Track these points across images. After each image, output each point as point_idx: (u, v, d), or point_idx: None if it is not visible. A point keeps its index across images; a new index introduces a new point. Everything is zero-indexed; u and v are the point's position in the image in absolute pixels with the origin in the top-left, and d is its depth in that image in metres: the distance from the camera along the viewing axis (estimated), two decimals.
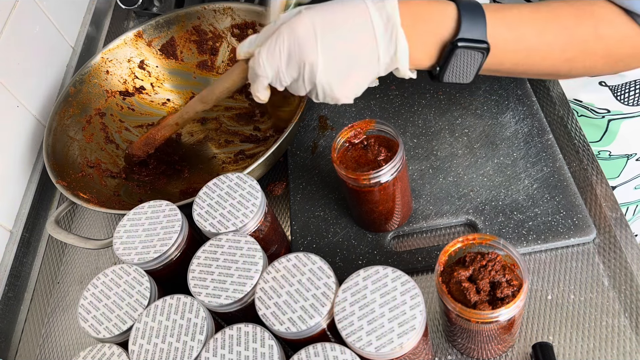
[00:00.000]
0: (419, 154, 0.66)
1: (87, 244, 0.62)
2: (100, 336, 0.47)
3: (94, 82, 0.78)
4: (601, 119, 0.72)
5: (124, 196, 0.71)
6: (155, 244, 0.51)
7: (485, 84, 0.70)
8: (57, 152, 0.70)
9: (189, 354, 0.43)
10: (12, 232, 0.73)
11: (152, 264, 0.51)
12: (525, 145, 0.63)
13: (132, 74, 0.81)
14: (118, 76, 0.80)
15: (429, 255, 0.57)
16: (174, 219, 0.53)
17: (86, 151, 0.74)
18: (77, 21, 0.98)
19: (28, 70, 0.80)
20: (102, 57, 0.78)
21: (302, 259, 0.46)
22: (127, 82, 0.81)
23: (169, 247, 0.51)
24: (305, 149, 0.71)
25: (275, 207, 0.69)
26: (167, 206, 0.54)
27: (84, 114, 0.76)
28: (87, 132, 0.76)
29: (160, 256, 0.51)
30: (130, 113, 0.81)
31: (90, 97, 0.77)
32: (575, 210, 0.57)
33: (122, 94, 0.80)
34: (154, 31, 0.81)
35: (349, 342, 0.40)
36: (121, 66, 0.80)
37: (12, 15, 0.78)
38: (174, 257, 0.52)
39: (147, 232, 0.52)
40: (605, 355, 0.49)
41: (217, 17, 0.79)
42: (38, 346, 0.65)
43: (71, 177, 0.69)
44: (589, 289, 0.53)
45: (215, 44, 0.81)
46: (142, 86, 0.82)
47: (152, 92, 0.83)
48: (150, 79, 0.82)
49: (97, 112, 0.77)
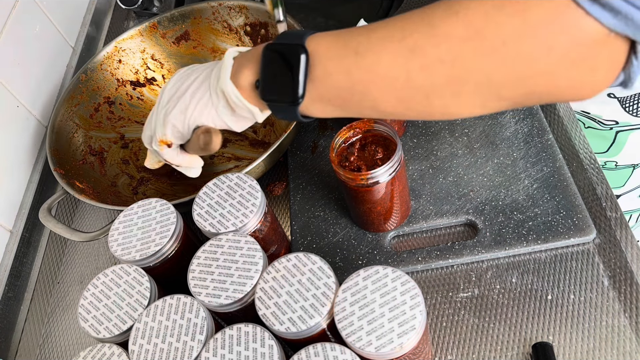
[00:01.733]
0: (419, 154, 0.66)
1: (74, 236, 0.62)
2: (100, 336, 0.47)
3: (106, 70, 0.79)
4: (609, 130, 0.72)
5: (120, 187, 0.72)
6: (154, 238, 0.52)
7: None
8: (60, 139, 0.71)
9: (189, 354, 0.43)
10: (12, 232, 0.73)
11: (152, 259, 0.51)
12: (525, 145, 0.63)
13: (145, 65, 0.82)
14: (130, 66, 0.81)
15: (429, 255, 0.57)
16: (167, 213, 0.53)
17: (91, 139, 0.75)
18: (77, 21, 0.98)
19: (28, 70, 0.80)
20: (116, 46, 0.79)
21: (302, 259, 0.46)
22: (138, 72, 0.82)
23: (169, 238, 0.51)
24: (305, 149, 0.71)
25: (275, 207, 0.69)
26: (157, 202, 0.54)
27: (93, 101, 0.77)
28: (94, 120, 0.76)
29: (161, 249, 0.51)
30: (139, 103, 0.81)
31: (100, 85, 0.78)
32: (575, 210, 0.57)
33: (132, 83, 0.81)
34: (169, 23, 0.81)
35: (349, 342, 0.40)
36: (134, 56, 0.81)
37: (12, 15, 0.78)
38: (174, 249, 0.52)
39: (142, 230, 0.53)
40: (605, 355, 0.49)
41: (231, 14, 0.80)
42: (38, 346, 0.65)
43: (71, 165, 0.69)
44: (589, 289, 0.53)
45: (228, 40, 0.82)
46: (154, 77, 0.83)
47: (163, 84, 0.83)
48: (162, 70, 0.83)
49: (106, 101, 0.78)
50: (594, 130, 0.73)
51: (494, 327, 0.53)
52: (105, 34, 1.02)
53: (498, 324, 0.53)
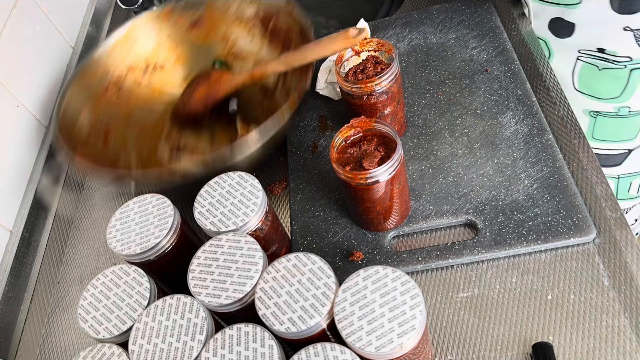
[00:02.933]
0: (419, 154, 0.66)
1: None
2: (100, 337, 0.47)
3: (118, 51, 0.80)
4: (623, 69, 0.71)
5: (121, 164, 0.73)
6: (153, 231, 0.52)
7: (485, 84, 0.70)
8: (67, 116, 0.71)
9: (189, 354, 0.43)
10: (12, 232, 0.73)
11: (153, 252, 0.51)
12: (525, 145, 0.63)
13: (158, 48, 0.83)
14: (143, 49, 0.82)
15: (429, 255, 0.57)
16: (164, 207, 0.54)
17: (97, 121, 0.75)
18: (77, 21, 0.98)
19: (28, 70, 0.80)
20: (130, 28, 0.80)
21: (302, 259, 0.46)
22: (150, 56, 0.82)
23: (168, 230, 0.52)
24: (305, 149, 0.71)
25: (275, 207, 0.69)
26: (153, 197, 0.55)
27: (104, 81, 0.77)
28: (103, 100, 0.77)
29: (161, 241, 0.51)
30: (149, 86, 0.82)
31: (111, 65, 0.79)
32: (575, 210, 0.57)
33: (144, 67, 0.82)
34: (184, 10, 0.82)
35: (349, 342, 0.40)
36: (147, 39, 0.82)
37: (12, 15, 0.78)
38: (173, 242, 0.53)
39: (140, 225, 0.53)
40: (605, 355, 0.49)
41: (242, 4, 0.81)
42: (38, 346, 0.65)
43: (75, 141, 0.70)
44: (589, 289, 0.53)
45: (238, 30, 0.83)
46: (165, 61, 0.83)
47: (173, 68, 0.84)
48: (172, 56, 0.84)
49: (116, 81, 0.79)
50: (608, 72, 0.73)
51: (494, 327, 0.53)
52: (105, 34, 1.02)
53: (498, 324, 0.53)
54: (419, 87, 0.73)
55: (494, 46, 0.74)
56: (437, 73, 0.73)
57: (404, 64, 0.76)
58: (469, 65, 0.73)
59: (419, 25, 0.80)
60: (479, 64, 0.72)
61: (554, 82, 0.70)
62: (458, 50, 0.75)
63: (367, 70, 0.63)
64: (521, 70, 0.70)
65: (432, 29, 0.79)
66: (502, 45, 0.73)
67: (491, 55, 0.73)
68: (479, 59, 0.73)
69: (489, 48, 0.74)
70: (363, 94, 0.60)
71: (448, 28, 0.78)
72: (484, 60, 0.73)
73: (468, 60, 0.73)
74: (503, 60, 0.72)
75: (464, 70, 0.72)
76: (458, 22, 0.78)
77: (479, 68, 0.72)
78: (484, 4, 0.79)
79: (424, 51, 0.77)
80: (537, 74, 0.70)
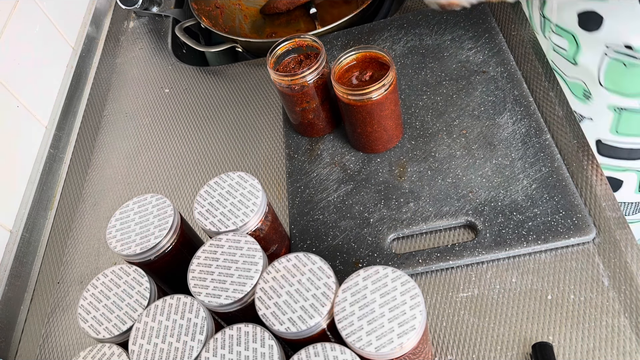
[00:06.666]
0: (417, 155, 0.66)
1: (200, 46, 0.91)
2: (100, 337, 0.47)
3: None
4: None
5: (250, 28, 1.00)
6: (152, 231, 0.52)
7: (482, 85, 0.70)
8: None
9: (189, 354, 0.43)
10: (12, 232, 0.73)
11: (153, 251, 0.51)
12: (523, 146, 0.63)
13: None
14: None
15: (429, 257, 0.57)
16: (164, 207, 0.54)
17: None
18: (77, 21, 0.98)
19: (28, 70, 0.80)
20: None
21: (302, 259, 0.46)
22: None
23: (168, 230, 0.52)
24: (303, 152, 0.71)
25: (275, 208, 0.69)
26: (153, 197, 0.55)
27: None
28: None
29: (161, 241, 0.51)
30: None
31: None
32: (574, 210, 0.57)
33: None
34: None
35: (349, 342, 0.40)
36: None
37: (12, 15, 0.78)
38: (173, 242, 0.53)
39: (140, 225, 0.53)
40: (605, 355, 0.49)
41: None
42: (38, 346, 0.65)
43: None
44: (589, 289, 0.53)
45: None
46: None
47: None
48: None
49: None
50: (635, 69, 0.72)
51: (494, 327, 0.53)
52: (106, 34, 1.02)
53: (498, 324, 0.53)
54: (416, 89, 0.73)
55: (489, 47, 0.74)
56: (433, 74, 0.73)
57: (400, 66, 0.76)
58: (465, 67, 0.73)
59: (415, 27, 0.80)
60: (476, 65, 0.72)
61: (554, 82, 0.70)
62: (454, 52, 0.75)
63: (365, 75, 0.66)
64: (517, 70, 0.70)
65: (427, 31, 0.79)
66: (498, 46, 0.73)
67: (487, 56, 0.73)
68: (475, 60, 0.73)
69: (485, 49, 0.74)
70: None
71: (444, 29, 0.78)
72: (480, 61, 0.73)
73: (464, 62, 0.73)
74: (499, 61, 0.72)
75: (461, 71, 0.72)
76: (453, 23, 0.78)
77: (476, 69, 0.72)
78: (479, 5, 0.79)
79: (420, 53, 0.77)
80: (536, 74, 0.70)
